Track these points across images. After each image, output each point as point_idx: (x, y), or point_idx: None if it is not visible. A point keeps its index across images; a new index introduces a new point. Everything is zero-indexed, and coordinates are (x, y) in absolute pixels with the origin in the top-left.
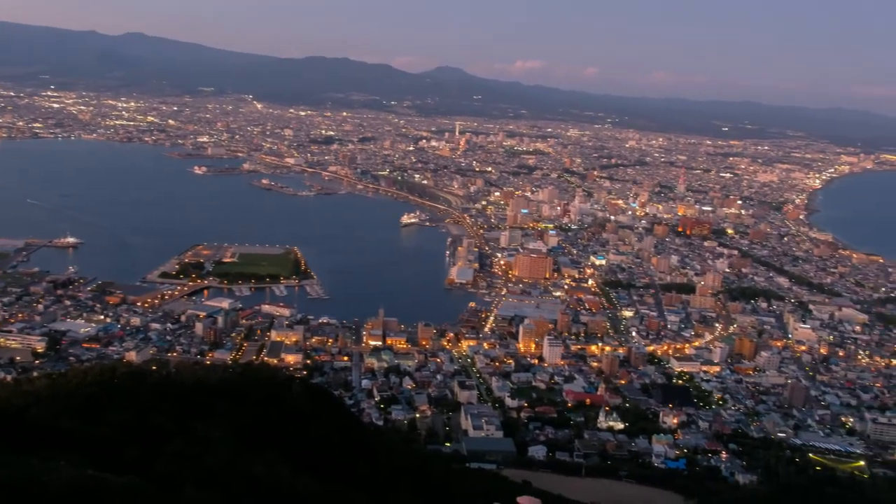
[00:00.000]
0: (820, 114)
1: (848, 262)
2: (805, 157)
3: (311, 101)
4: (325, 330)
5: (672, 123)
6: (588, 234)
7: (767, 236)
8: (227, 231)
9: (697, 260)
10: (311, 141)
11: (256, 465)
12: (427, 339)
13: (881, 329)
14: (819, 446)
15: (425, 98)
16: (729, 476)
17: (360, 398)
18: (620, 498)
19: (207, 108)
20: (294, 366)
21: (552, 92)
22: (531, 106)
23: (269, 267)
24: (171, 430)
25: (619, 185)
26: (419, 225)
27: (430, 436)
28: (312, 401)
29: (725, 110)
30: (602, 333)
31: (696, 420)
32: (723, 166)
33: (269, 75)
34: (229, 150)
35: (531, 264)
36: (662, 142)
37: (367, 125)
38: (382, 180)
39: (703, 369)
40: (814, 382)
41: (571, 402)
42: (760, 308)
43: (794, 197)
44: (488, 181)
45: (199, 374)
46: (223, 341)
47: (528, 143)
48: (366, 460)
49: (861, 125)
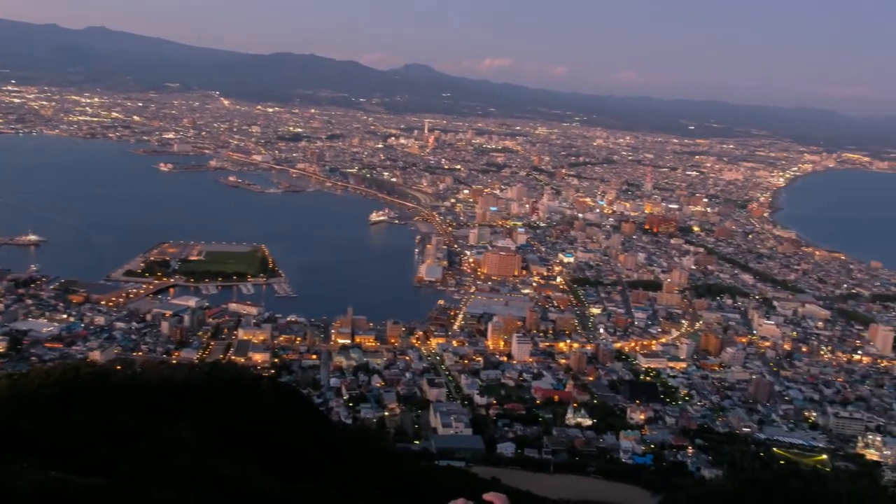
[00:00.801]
0: (784, 113)
1: (811, 259)
2: (769, 156)
3: (278, 98)
4: (293, 328)
5: (639, 122)
6: (556, 232)
7: (732, 234)
8: (194, 229)
9: (664, 257)
10: (279, 138)
11: (224, 466)
12: (396, 337)
13: (843, 325)
14: (783, 441)
15: (394, 95)
16: (695, 471)
17: (328, 397)
18: (588, 494)
19: (173, 104)
20: (262, 365)
21: (521, 90)
22: (500, 104)
23: (237, 265)
24: (137, 431)
25: (587, 183)
26: (388, 223)
27: (399, 434)
28: (280, 400)
29: (692, 109)
30: (570, 330)
31: (663, 416)
32: (689, 164)
33: (236, 71)
34: (196, 146)
35: (500, 262)
36: (630, 140)
37: (335, 122)
38: (351, 178)
39: (670, 365)
40: (778, 378)
41: (540, 399)
42: (726, 305)
43: (758, 195)
44: (457, 179)
45: (165, 374)
46: (190, 340)
47: (497, 141)
48: (335, 459)
49: (824, 124)
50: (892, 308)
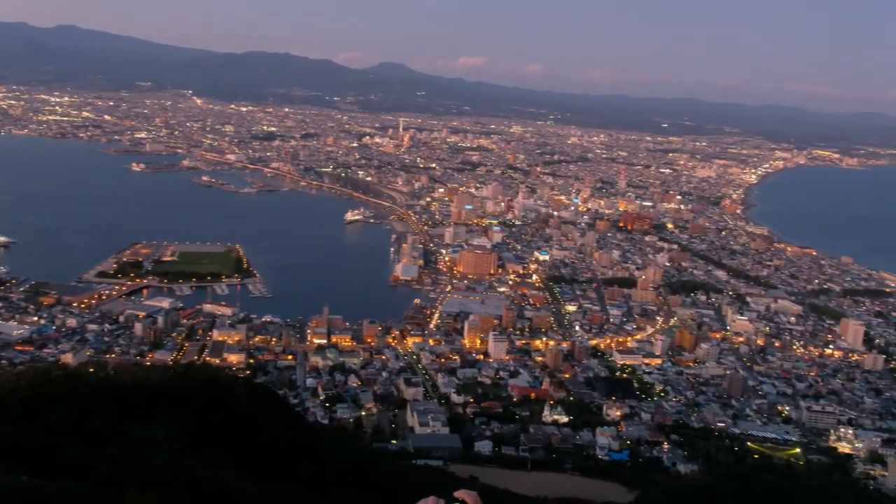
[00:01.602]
0: (755, 111)
1: (783, 255)
2: (741, 153)
3: (252, 97)
4: (268, 329)
5: (613, 120)
6: (532, 230)
7: (706, 231)
8: (167, 229)
9: (638, 254)
10: (253, 137)
11: (199, 467)
12: (372, 336)
13: (815, 320)
14: (757, 435)
15: (368, 94)
16: (671, 466)
17: (304, 397)
18: (565, 491)
19: (145, 103)
20: (237, 365)
21: (495, 88)
22: (474, 102)
23: (211, 265)
24: (111, 434)
25: (561, 181)
26: (363, 222)
27: (376, 433)
28: (256, 401)
29: (665, 107)
30: (546, 328)
31: (639, 412)
32: (662, 162)
33: (209, 70)
34: (168, 146)
35: (476, 260)
36: (604, 138)
37: (309, 121)
38: (326, 177)
39: (645, 362)
40: (751, 373)
41: (517, 397)
42: (700, 301)
43: (731, 192)
44: (432, 178)
45: (138, 376)
46: (163, 341)
47: (472, 139)
48: (311, 459)
49: (794, 121)
50: (863, 303)
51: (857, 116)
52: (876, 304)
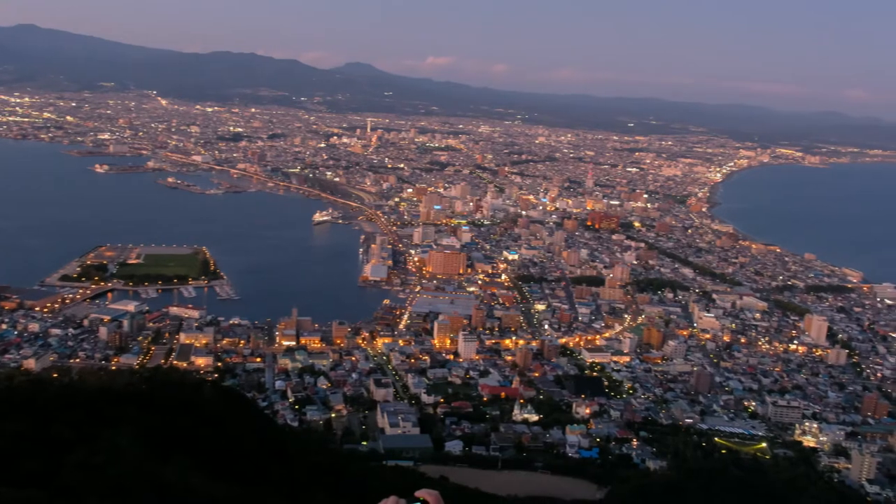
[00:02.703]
0: (720, 110)
1: (748, 252)
2: (706, 152)
3: (217, 97)
4: (236, 331)
5: (580, 119)
6: (500, 230)
7: (672, 229)
8: (132, 231)
9: (606, 253)
10: (219, 138)
11: (167, 472)
12: (341, 337)
13: (779, 316)
14: (724, 430)
15: (335, 94)
16: (640, 463)
17: (273, 399)
18: (536, 489)
19: (108, 104)
20: (204, 369)
21: (462, 88)
22: (442, 102)
23: (177, 268)
24: (75, 440)
25: (529, 180)
26: (332, 223)
27: (346, 435)
28: (224, 404)
29: (630, 106)
30: (516, 327)
31: (608, 409)
32: (629, 161)
33: (173, 70)
34: (132, 147)
35: (445, 260)
36: (571, 137)
37: (276, 121)
38: (293, 178)
39: (614, 359)
40: (718, 369)
41: (487, 397)
42: (667, 298)
43: (696, 190)
44: (401, 178)
45: (103, 381)
46: (129, 345)
47: (440, 139)
48: (281, 462)
49: (758, 120)
50: (826, 298)
51: (819, 115)
52: (838, 299)
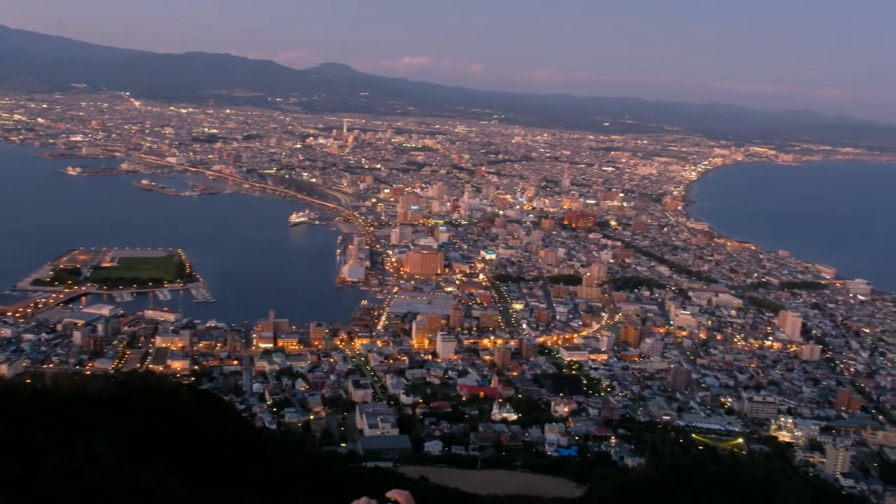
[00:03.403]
0: (694, 109)
1: (723, 249)
2: (681, 151)
3: (192, 98)
4: (212, 334)
5: (556, 119)
6: (478, 229)
7: (648, 227)
8: (106, 234)
9: (583, 252)
10: (194, 139)
11: (144, 477)
12: (319, 339)
13: (754, 313)
14: (701, 427)
15: (311, 95)
16: (618, 460)
17: (251, 402)
18: (516, 488)
19: (80, 105)
20: (181, 372)
21: (439, 88)
22: (418, 103)
23: (152, 271)
24: (49, 445)
25: (506, 180)
26: (308, 224)
27: (324, 437)
28: (202, 407)
29: (606, 106)
30: (494, 327)
31: (586, 408)
32: (605, 160)
33: (146, 71)
34: (106, 149)
35: (422, 261)
36: (547, 137)
37: (251, 122)
38: (269, 179)
39: (592, 358)
40: (694, 366)
41: (465, 396)
42: (643, 296)
43: (672, 189)
44: (378, 178)
45: (78, 386)
46: (104, 350)
47: (417, 139)
48: (259, 465)
49: (732, 119)
50: (800, 295)
51: (792, 114)
52: (812, 295)
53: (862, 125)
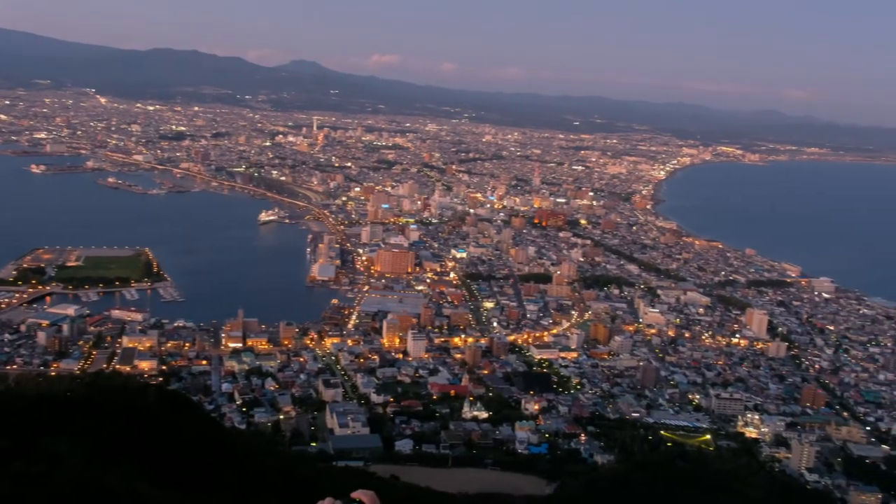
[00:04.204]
0: (662, 108)
1: (691, 248)
2: (650, 150)
3: (159, 96)
4: (181, 334)
5: (526, 118)
6: (448, 228)
7: (618, 226)
8: (71, 233)
9: (553, 250)
10: (161, 137)
11: (111, 480)
12: (289, 338)
13: (722, 310)
14: (670, 423)
15: (281, 92)
16: (588, 457)
17: (220, 402)
18: (486, 486)
19: (44, 102)
20: (149, 372)
21: (409, 87)
22: (389, 101)
23: (119, 270)
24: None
25: (477, 178)
26: (278, 222)
27: (295, 437)
28: (169, 408)
29: (576, 105)
30: (464, 325)
31: (557, 405)
32: (575, 159)
33: (112, 68)
34: (70, 147)
35: (393, 259)
36: (517, 136)
37: (220, 120)
38: (238, 177)
39: (562, 356)
40: (663, 363)
41: (436, 395)
42: (613, 295)
43: (641, 188)
44: (348, 177)
45: (42, 387)
46: (69, 350)
47: (387, 137)
48: (228, 466)
49: (699, 118)
50: (766, 293)
51: (758, 114)
52: (778, 293)
53: (826, 126)
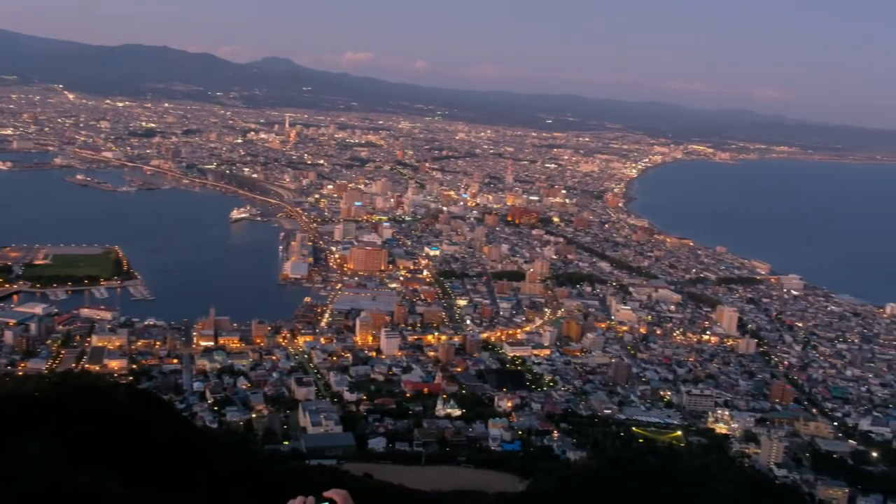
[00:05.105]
0: (633, 107)
1: (662, 246)
2: (622, 148)
3: (128, 92)
4: (151, 332)
5: (499, 116)
6: (421, 226)
7: (590, 224)
8: (39, 231)
9: (526, 248)
10: (131, 133)
11: (81, 480)
12: (261, 336)
13: (692, 308)
14: (641, 420)
15: (253, 89)
16: (561, 454)
17: (192, 401)
18: (460, 483)
19: (10, 97)
20: (119, 371)
21: (382, 84)
22: (362, 98)
23: (88, 268)
24: None
25: (450, 176)
26: (250, 220)
27: (267, 436)
28: (140, 407)
29: (548, 103)
30: (438, 323)
31: (529, 402)
32: (547, 157)
33: (80, 63)
34: (38, 143)
35: (366, 257)
36: (490, 134)
37: (191, 117)
38: (210, 174)
39: (535, 353)
40: (635, 360)
41: (410, 393)
42: (585, 292)
43: (613, 186)
44: (321, 174)
45: (10, 387)
46: (37, 349)
47: (360, 135)
48: (200, 465)
49: (671, 117)
50: (736, 290)
51: (728, 113)
52: (748, 291)
53: (796, 125)
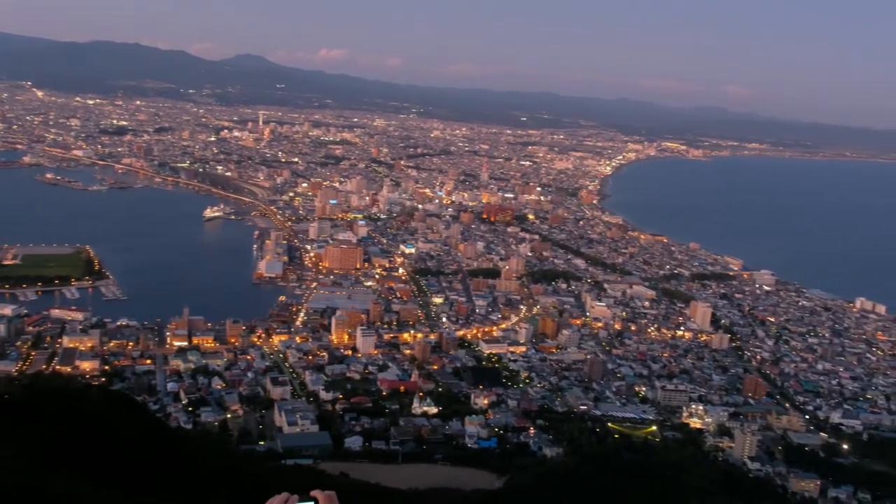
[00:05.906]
0: (607, 104)
1: (636, 242)
2: (597, 146)
3: (99, 89)
4: (124, 333)
5: (474, 113)
6: (397, 224)
7: (565, 221)
8: (7, 231)
9: (502, 245)
10: (102, 131)
11: (53, 483)
12: (236, 336)
13: (667, 303)
14: (617, 416)
15: (226, 86)
16: (537, 450)
17: (166, 402)
18: (437, 481)
19: None
20: (91, 373)
21: (357, 81)
22: (336, 95)
23: (58, 268)
24: None
25: (425, 174)
26: (224, 218)
27: (243, 436)
28: (113, 409)
29: (523, 101)
30: (414, 321)
31: (506, 399)
32: (522, 155)
33: (49, 60)
34: (6, 141)
35: (341, 255)
36: (466, 131)
37: (163, 114)
38: (182, 172)
39: (511, 350)
40: (610, 356)
41: (386, 391)
42: (560, 289)
43: (587, 183)
44: (295, 172)
45: None
46: (6, 351)
47: (335, 133)
48: (175, 467)
49: (645, 115)
50: (710, 286)
51: (700, 111)
52: (721, 286)
53: (767, 122)
